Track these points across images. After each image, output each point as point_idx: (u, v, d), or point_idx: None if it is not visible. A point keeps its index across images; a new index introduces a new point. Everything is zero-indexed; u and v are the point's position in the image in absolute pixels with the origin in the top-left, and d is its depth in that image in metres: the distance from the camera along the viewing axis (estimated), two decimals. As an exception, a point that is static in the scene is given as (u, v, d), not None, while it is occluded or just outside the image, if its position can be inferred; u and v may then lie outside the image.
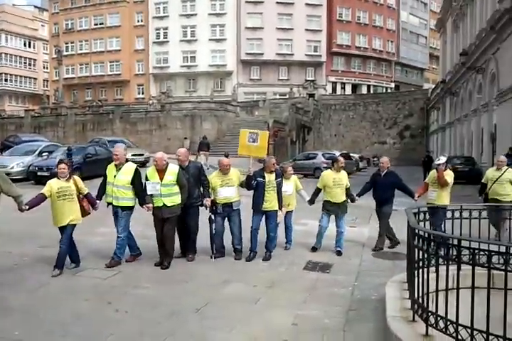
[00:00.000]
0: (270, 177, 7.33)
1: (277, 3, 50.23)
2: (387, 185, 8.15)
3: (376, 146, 47.49)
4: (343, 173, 8.05)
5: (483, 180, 9.20)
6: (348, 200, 8.04)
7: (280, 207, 7.44)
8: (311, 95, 47.87)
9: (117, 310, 5.12)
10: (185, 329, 4.71)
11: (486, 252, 3.27)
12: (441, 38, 40.72)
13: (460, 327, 3.38)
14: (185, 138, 30.81)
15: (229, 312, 5.11)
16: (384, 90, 56.23)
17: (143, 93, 52.45)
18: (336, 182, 7.81)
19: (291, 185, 8.02)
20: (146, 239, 7.52)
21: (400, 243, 7.87)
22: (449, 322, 3.46)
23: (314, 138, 43.45)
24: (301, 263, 7.21)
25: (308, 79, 51.76)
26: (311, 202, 8.13)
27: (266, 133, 7.85)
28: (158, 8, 51.42)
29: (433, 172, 8.15)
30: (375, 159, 45.03)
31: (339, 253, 7.76)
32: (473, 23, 25.60)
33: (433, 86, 47.86)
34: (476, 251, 3.33)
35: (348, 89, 54.78)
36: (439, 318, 3.56)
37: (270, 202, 7.29)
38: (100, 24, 53.09)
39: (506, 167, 8.79)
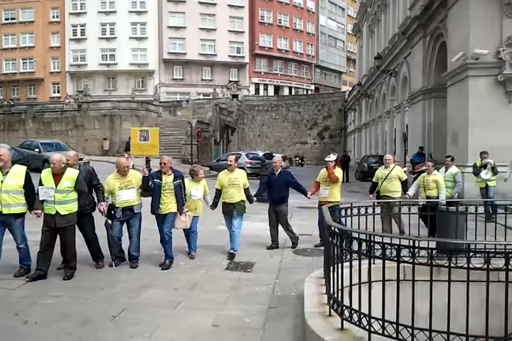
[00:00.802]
0: (167, 179, 6.95)
1: (199, 3, 50.00)
2: (282, 184, 8.17)
3: (298, 146, 48.77)
4: (240, 173, 7.83)
5: (373, 179, 9.58)
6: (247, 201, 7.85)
7: (180, 210, 6.99)
8: (235, 96, 48.15)
9: (26, 322, 4.78)
10: (99, 338, 4.48)
11: (395, 246, 3.39)
12: (358, 42, 42.53)
13: (372, 319, 3.48)
14: (105, 138, 29.76)
15: (147, 318, 4.94)
16: (305, 92, 57.88)
17: (59, 92, 49.99)
18: (231, 181, 7.59)
19: (200, 188, 7.59)
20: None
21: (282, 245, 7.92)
22: (362, 315, 3.56)
23: (238, 139, 43.71)
24: (223, 264, 7.17)
25: (231, 80, 52.00)
26: (214, 205, 7.77)
27: (156, 130, 7.66)
28: (75, 4, 49.25)
29: (323, 171, 8.30)
30: (297, 158, 46.28)
31: (232, 255, 7.46)
32: (387, 29, 26.98)
33: (350, 88, 49.93)
34: (386, 245, 3.44)
35: (271, 91, 55.74)
36: (353, 312, 3.65)
37: (167, 205, 6.90)
38: (12, 19, 49.92)
39: (394, 164, 9.33)
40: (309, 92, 57.98)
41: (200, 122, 30.63)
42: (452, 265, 3.22)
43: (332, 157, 8.23)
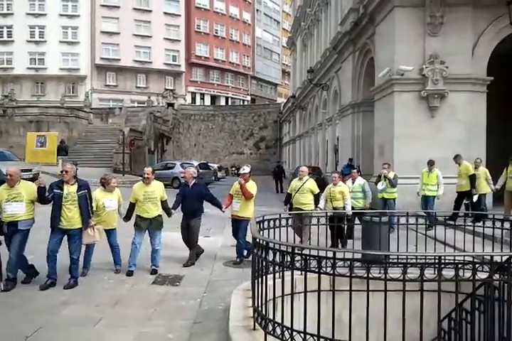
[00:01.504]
0: (70, 189, 6.26)
1: (134, 9, 49.21)
2: (195, 196, 7.81)
3: (234, 156, 48.90)
4: (157, 185, 7.40)
5: (288, 190, 9.44)
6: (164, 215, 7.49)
7: (85, 224, 6.40)
8: (171, 104, 47.56)
9: None
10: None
11: (317, 258, 3.41)
12: (292, 55, 43.52)
13: (295, 332, 3.47)
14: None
15: (64, 338, 4.66)
16: (241, 102, 58.28)
17: (-19, 96, 47.10)
18: (148, 195, 7.13)
19: (114, 199, 7.09)
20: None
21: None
22: (284, 328, 3.53)
23: (174, 148, 43.14)
24: (149, 278, 6.94)
25: (167, 88, 51.37)
26: (127, 218, 7.27)
27: (54, 135, 7.23)
28: (2, 4, 46.80)
29: (237, 183, 8.06)
30: (234, 168, 46.37)
31: (155, 271, 7.13)
32: (319, 43, 27.81)
33: (285, 100, 50.91)
34: (308, 257, 3.45)
35: (208, 100, 55.65)
36: (276, 325, 3.62)
37: (70, 219, 6.23)
38: None
39: (307, 177, 9.19)
40: (246, 103, 58.47)
41: (133, 130, 29.91)
42: (370, 276, 3.27)
43: (246, 169, 8.03)
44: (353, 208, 9.17)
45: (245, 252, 7.94)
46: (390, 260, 3.78)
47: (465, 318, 4.62)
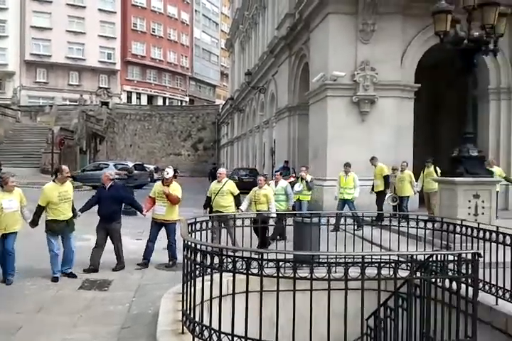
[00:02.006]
0: None
1: (68, 5, 47.43)
2: (112, 199, 7.48)
3: (172, 157, 48.15)
4: (69, 185, 7.09)
5: (208, 193, 9.23)
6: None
7: None
8: (105, 103, 46.14)
9: None
10: None
11: (245, 259, 3.40)
12: (230, 57, 43.61)
13: (222, 335, 3.44)
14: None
15: (-22, 349, 4.36)
16: (179, 103, 57.59)
17: None
18: (63, 196, 6.77)
19: (14, 199, 6.55)
20: None
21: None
22: (212, 331, 3.49)
23: (107, 148, 41.86)
24: (76, 283, 6.65)
25: (101, 86, 49.81)
26: (34, 223, 6.79)
27: None
28: None
29: (159, 185, 7.85)
30: (170, 170, 45.58)
31: (72, 274, 6.85)
32: (257, 46, 28.05)
33: (224, 102, 50.89)
34: (237, 259, 3.43)
35: (144, 100, 54.52)
36: (204, 328, 3.58)
37: None
38: None
39: (226, 179, 9.14)
40: (184, 104, 57.85)
41: (64, 129, 28.73)
42: (297, 276, 3.31)
43: (170, 173, 7.77)
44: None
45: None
46: (318, 260, 3.85)
47: (389, 315, 4.79)
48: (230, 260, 3.49)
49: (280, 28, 19.35)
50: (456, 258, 3.55)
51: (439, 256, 3.65)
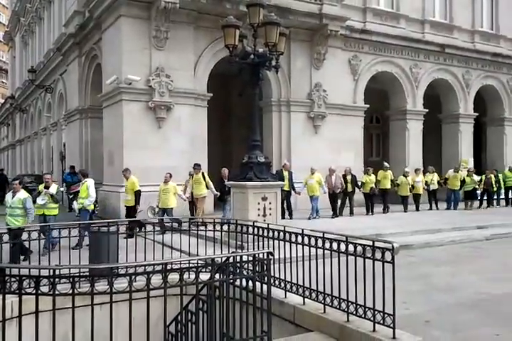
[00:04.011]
0: None
1: None
2: None
3: None
4: None
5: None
6: None
7: None
8: None
9: None
10: None
11: (34, 278, 3.04)
12: (10, 52, 39.19)
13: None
14: None
15: None
16: None
17: None
18: None
19: None
20: None
21: None
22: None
23: None
24: None
25: None
26: None
27: None
28: None
29: None
30: None
31: None
32: (42, 42, 25.76)
33: (2, 101, 45.40)
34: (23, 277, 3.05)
35: None
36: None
37: None
38: None
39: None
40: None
41: None
42: (95, 291, 3.10)
43: None
44: (10, 229, 7.55)
45: None
46: (118, 271, 3.68)
47: (190, 319, 4.86)
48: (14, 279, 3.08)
49: (68, 26, 18.09)
50: (251, 258, 3.78)
51: (236, 257, 3.83)
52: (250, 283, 3.94)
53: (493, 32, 21.25)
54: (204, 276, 3.71)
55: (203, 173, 12.13)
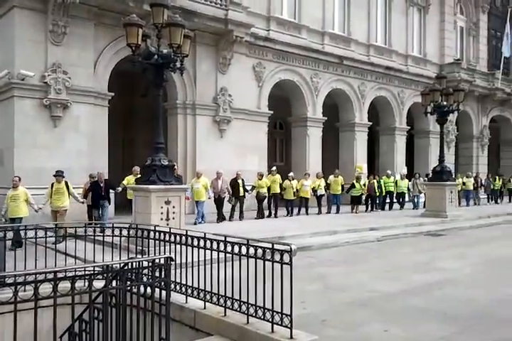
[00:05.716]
0: None
1: None
2: None
3: None
4: None
5: None
6: None
7: None
8: None
9: None
10: None
11: None
12: None
13: None
14: None
15: None
16: None
17: None
18: None
19: None
20: None
21: None
22: None
23: None
24: None
25: None
26: None
27: None
28: None
29: None
30: None
31: None
32: None
33: None
34: None
35: None
36: None
37: None
38: None
39: None
40: None
41: None
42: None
43: None
44: None
45: None
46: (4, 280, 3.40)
47: (84, 329, 4.62)
48: None
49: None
50: (150, 264, 3.68)
51: (134, 263, 3.71)
52: (149, 289, 3.83)
53: (386, 46, 22.83)
54: (100, 284, 3.54)
55: (66, 182, 10.73)
